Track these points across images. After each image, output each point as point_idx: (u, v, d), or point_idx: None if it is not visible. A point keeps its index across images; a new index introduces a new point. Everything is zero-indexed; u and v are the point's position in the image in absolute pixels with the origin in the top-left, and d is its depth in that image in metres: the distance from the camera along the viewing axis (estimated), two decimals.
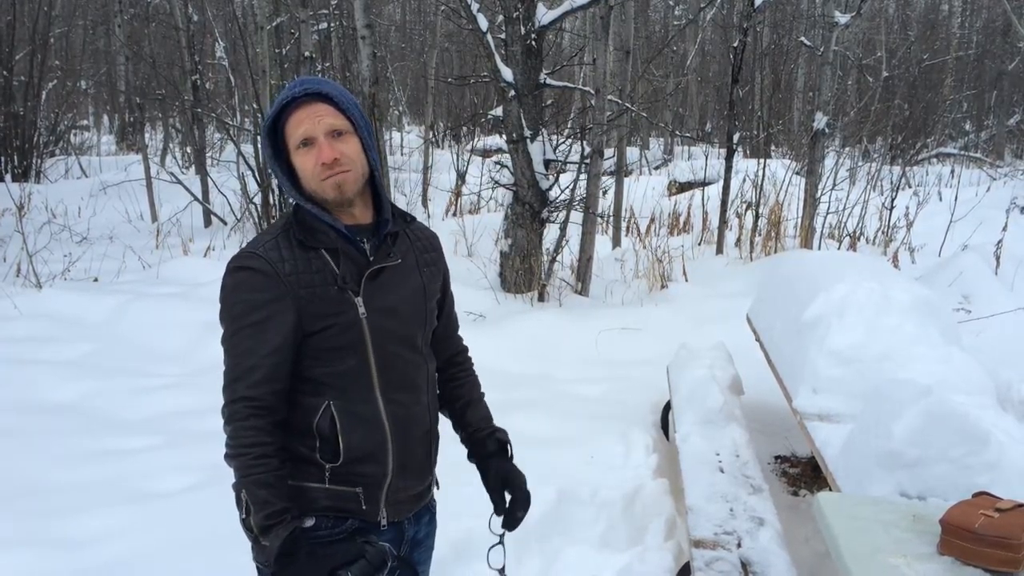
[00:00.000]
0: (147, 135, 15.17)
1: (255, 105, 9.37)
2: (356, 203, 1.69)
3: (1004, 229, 7.39)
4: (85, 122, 22.12)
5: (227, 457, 1.59)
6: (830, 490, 2.79)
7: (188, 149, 15.47)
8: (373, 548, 1.61)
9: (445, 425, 1.91)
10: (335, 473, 1.65)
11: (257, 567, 1.66)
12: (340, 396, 1.65)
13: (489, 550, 1.86)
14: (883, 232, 8.93)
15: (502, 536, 1.87)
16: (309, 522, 1.64)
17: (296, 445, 1.64)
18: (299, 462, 1.64)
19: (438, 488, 1.90)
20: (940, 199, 11.48)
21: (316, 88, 1.64)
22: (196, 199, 10.17)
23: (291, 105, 1.63)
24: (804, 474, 4.26)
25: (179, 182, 10.33)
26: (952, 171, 15.15)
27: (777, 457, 4.46)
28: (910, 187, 12.46)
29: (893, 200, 9.03)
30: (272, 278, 1.59)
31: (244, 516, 1.55)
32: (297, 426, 1.64)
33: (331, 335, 1.63)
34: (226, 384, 1.61)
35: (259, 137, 9.23)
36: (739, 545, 2.82)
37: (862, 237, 8.85)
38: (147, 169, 10.61)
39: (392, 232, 1.73)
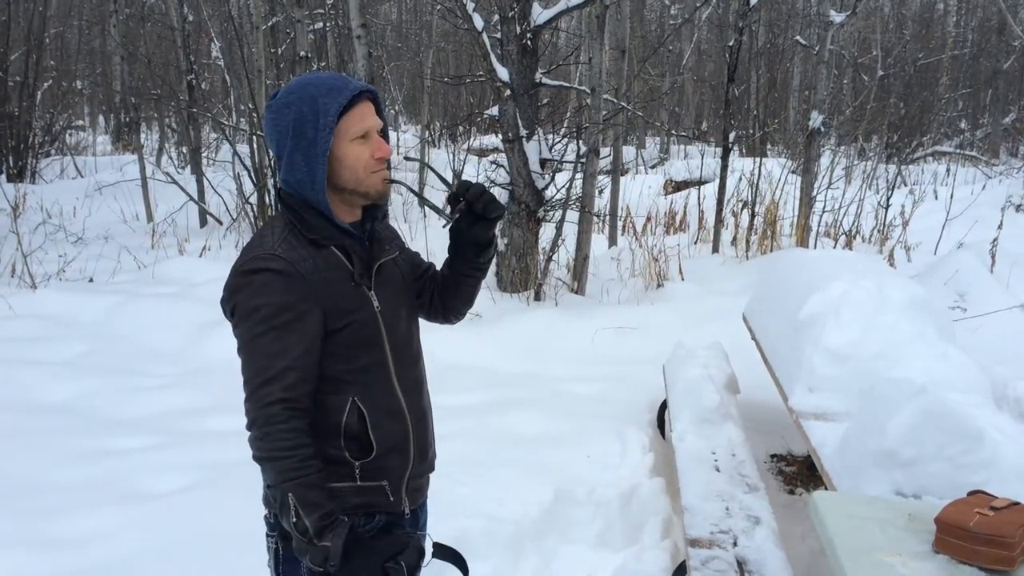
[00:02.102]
0: (143, 135, 15.12)
1: (251, 105, 9.35)
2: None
3: (999, 227, 7.40)
4: (81, 122, 22.00)
5: (262, 460, 1.57)
6: (826, 489, 2.79)
7: (184, 149, 15.43)
8: (413, 537, 1.65)
9: (438, 422, 1.93)
10: (364, 469, 1.68)
11: (306, 570, 1.63)
12: (363, 392, 1.67)
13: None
14: (879, 231, 8.92)
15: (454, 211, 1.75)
16: None
17: (324, 447, 1.64)
18: (328, 464, 1.64)
19: None
20: (936, 197, 11.47)
21: (373, 90, 1.71)
22: (192, 199, 10.15)
23: (358, 98, 1.66)
24: (800, 473, 4.27)
25: (175, 182, 10.31)
26: (948, 169, 15.14)
27: (773, 456, 4.46)
28: (906, 185, 12.47)
29: (889, 198, 9.02)
30: (295, 278, 1.59)
31: (295, 520, 1.53)
32: (322, 428, 1.64)
33: (353, 331, 1.65)
34: (255, 387, 1.57)
35: (257, 131, 9.22)
36: (735, 544, 2.82)
37: (858, 236, 8.85)
38: (142, 169, 10.59)
39: (374, 228, 1.78)
